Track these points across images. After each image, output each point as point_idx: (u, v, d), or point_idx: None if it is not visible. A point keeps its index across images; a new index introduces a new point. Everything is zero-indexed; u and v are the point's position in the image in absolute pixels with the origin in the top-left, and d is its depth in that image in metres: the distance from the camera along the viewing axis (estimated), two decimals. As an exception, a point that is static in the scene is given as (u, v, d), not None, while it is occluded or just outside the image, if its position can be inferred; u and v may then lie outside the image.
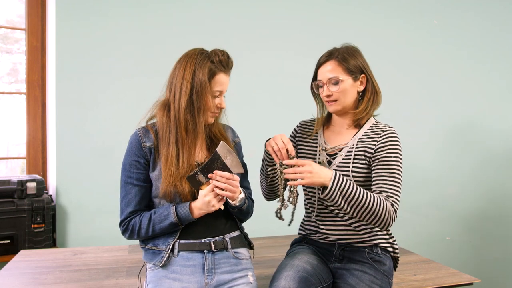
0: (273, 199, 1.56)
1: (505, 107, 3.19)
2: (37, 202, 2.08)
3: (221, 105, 1.36)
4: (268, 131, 1.74)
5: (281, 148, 1.33)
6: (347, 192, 1.30)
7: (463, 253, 3.09)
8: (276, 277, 1.30)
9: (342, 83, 1.44)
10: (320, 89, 1.49)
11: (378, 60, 2.87)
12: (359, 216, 1.33)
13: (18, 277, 1.56)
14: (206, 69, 1.29)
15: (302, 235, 1.61)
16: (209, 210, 1.28)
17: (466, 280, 1.61)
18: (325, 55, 1.49)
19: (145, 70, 2.31)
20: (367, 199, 1.30)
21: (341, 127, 1.53)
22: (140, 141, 1.34)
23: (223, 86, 1.34)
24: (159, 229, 1.30)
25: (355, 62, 1.46)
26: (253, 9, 2.60)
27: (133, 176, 1.33)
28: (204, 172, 1.26)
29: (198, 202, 1.28)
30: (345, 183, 1.30)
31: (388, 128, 1.47)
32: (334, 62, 1.45)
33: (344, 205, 1.31)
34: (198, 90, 1.29)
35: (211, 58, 1.32)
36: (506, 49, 3.19)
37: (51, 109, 2.31)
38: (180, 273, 1.28)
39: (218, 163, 1.26)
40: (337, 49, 1.48)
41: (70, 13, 2.26)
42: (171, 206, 1.30)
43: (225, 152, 1.27)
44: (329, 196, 1.30)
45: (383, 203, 1.32)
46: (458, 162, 3.07)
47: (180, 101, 1.30)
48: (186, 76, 1.30)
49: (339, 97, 1.45)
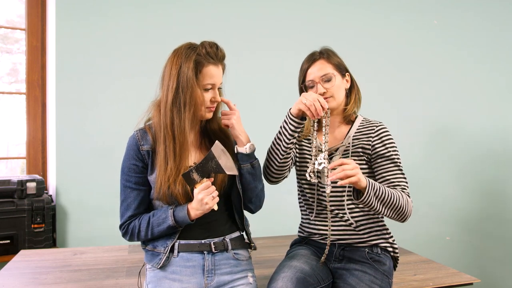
0: (278, 182, 1.52)
1: (505, 107, 3.19)
2: (37, 202, 2.08)
3: (215, 98, 1.31)
4: (268, 131, 1.75)
5: (314, 101, 1.29)
6: (379, 193, 1.30)
7: (463, 253, 3.09)
8: (274, 278, 1.30)
9: (335, 78, 1.45)
10: (310, 89, 1.48)
11: (378, 60, 2.89)
12: (389, 214, 1.34)
13: (18, 277, 1.56)
14: (192, 63, 1.25)
15: (301, 236, 1.60)
16: (204, 209, 1.24)
17: (466, 280, 1.60)
18: (308, 58, 1.50)
19: (145, 70, 2.31)
20: (393, 196, 1.32)
21: (332, 126, 1.53)
22: (138, 144, 1.31)
23: (214, 78, 1.29)
24: (158, 232, 1.29)
25: (339, 60, 1.51)
26: (253, 9, 2.60)
27: (131, 180, 1.32)
28: (198, 171, 1.24)
29: (194, 202, 1.26)
30: (375, 184, 1.30)
31: (379, 124, 1.50)
32: (321, 61, 1.47)
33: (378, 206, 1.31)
34: (184, 84, 1.25)
35: (197, 50, 1.28)
36: (506, 49, 3.19)
37: (51, 109, 2.31)
38: (180, 273, 1.28)
39: (212, 162, 1.24)
40: (318, 51, 1.51)
41: (70, 13, 2.26)
42: (169, 209, 1.28)
43: (220, 152, 1.25)
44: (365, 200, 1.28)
45: (404, 197, 1.35)
46: (458, 162, 3.07)
47: (167, 98, 1.27)
48: (172, 72, 1.27)
49: (333, 93, 1.46)
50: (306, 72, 1.49)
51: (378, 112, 2.46)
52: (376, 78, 2.84)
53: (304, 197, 1.57)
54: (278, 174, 1.48)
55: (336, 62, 1.48)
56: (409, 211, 1.36)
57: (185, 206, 1.27)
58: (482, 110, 3.13)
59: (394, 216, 1.36)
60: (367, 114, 1.62)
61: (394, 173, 1.41)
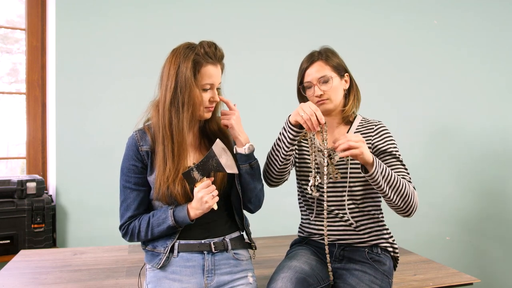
0: (279, 185, 1.52)
1: (505, 107, 3.19)
2: (37, 202, 2.08)
3: (214, 98, 1.31)
4: (268, 131, 1.75)
5: (311, 115, 1.28)
6: (385, 173, 1.30)
7: (463, 253, 3.09)
8: (273, 279, 1.30)
9: (332, 80, 1.45)
10: (308, 90, 1.48)
11: (378, 60, 2.89)
12: (395, 199, 1.34)
13: (18, 277, 1.56)
14: (190, 63, 1.25)
15: (301, 237, 1.60)
16: (203, 208, 1.24)
17: (466, 280, 1.60)
18: (307, 59, 1.50)
19: (145, 70, 2.31)
20: (400, 181, 1.32)
21: (331, 127, 1.53)
22: (137, 145, 1.31)
23: (213, 78, 1.29)
24: (157, 232, 1.29)
25: (338, 60, 1.50)
26: (253, 9, 2.60)
27: (131, 181, 1.32)
28: (199, 169, 1.24)
29: (193, 201, 1.26)
30: (381, 164, 1.31)
31: (378, 122, 1.51)
32: (320, 62, 1.47)
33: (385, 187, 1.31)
34: (182, 84, 1.24)
35: (195, 50, 1.27)
36: (506, 49, 3.19)
37: (51, 109, 2.31)
38: (179, 273, 1.27)
39: (213, 161, 1.24)
40: (318, 51, 1.51)
41: (70, 13, 2.26)
42: (169, 209, 1.28)
43: (220, 150, 1.25)
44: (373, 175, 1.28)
45: (411, 187, 1.36)
46: (458, 162, 3.07)
47: (166, 98, 1.27)
48: (171, 72, 1.26)
49: (331, 95, 1.45)
50: (304, 72, 1.49)
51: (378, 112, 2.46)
52: (376, 78, 2.84)
53: (304, 197, 1.56)
54: (278, 178, 1.48)
55: (335, 63, 1.48)
56: (416, 202, 1.37)
57: (185, 206, 1.27)
58: (482, 110, 3.13)
59: (400, 204, 1.35)
60: (367, 114, 1.62)
61: (397, 167, 1.42)
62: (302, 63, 1.51)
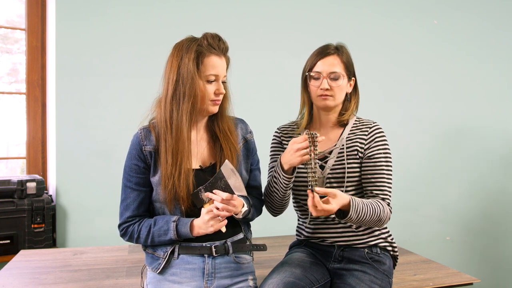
0: (282, 213, 1.53)
1: (505, 107, 3.19)
2: (37, 202, 2.08)
3: (219, 90, 1.27)
4: (268, 131, 1.74)
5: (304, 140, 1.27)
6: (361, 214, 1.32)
7: (463, 253, 3.09)
8: (262, 285, 1.29)
9: (341, 79, 1.44)
10: (315, 80, 1.45)
11: (378, 60, 2.88)
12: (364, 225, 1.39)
13: (18, 277, 1.56)
14: (193, 54, 1.22)
15: (299, 239, 1.60)
16: (208, 230, 1.22)
17: (466, 280, 1.60)
18: (322, 49, 1.47)
19: (145, 70, 2.31)
20: (373, 212, 1.34)
21: (325, 127, 1.52)
22: (140, 144, 1.29)
23: (217, 69, 1.25)
24: (158, 241, 1.28)
25: (350, 62, 1.49)
26: (253, 9, 2.60)
27: (132, 180, 1.30)
28: (207, 190, 1.22)
29: (199, 220, 1.24)
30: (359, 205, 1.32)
31: (373, 124, 1.49)
32: (335, 57, 1.45)
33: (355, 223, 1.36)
34: (184, 76, 1.22)
35: (198, 42, 1.25)
36: (506, 49, 3.19)
37: (51, 109, 2.31)
38: (179, 276, 1.27)
39: (221, 182, 1.21)
40: (334, 45, 1.49)
41: (70, 13, 2.25)
42: (171, 221, 1.25)
43: (229, 172, 1.21)
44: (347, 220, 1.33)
45: (382, 208, 1.37)
46: (459, 162, 3.07)
47: (168, 92, 1.24)
48: (173, 65, 1.24)
49: (336, 93, 1.44)
50: (316, 62, 1.45)
51: (378, 112, 2.46)
52: (376, 78, 2.84)
53: (298, 203, 1.55)
54: (280, 209, 1.50)
55: (348, 64, 1.47)
56: (386, 219, 1.39)
57: (189, 221, 1.25)
58: (483, 110, 3.12)
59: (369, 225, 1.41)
60: (367, 114, 1.62)
61: (380, 178, 1.41)
62: (314, 53, 1.48)
